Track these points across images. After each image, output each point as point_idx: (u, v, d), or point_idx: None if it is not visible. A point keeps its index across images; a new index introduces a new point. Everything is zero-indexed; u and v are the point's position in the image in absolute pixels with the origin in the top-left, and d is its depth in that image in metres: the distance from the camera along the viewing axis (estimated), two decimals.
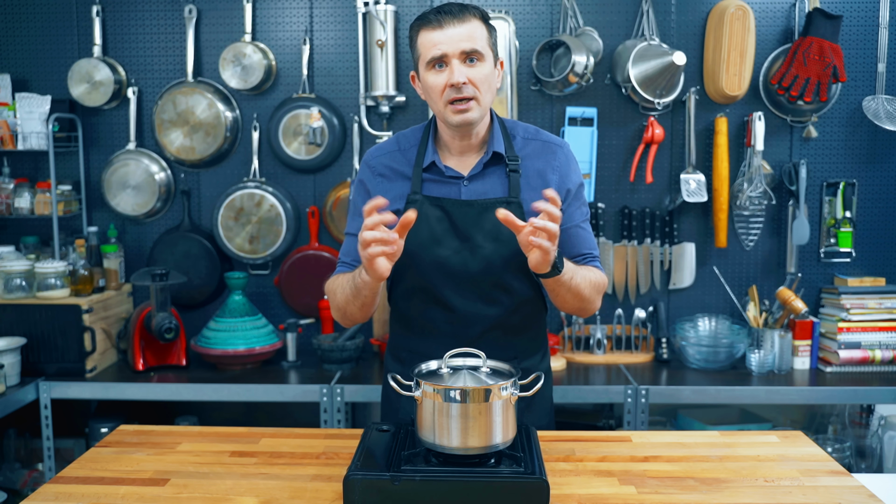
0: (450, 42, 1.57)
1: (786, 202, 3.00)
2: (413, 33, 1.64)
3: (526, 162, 1.71)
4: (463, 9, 1.59)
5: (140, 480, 1.48)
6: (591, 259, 1.74)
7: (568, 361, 2.92)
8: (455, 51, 1.57)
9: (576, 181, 1.74)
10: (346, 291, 1.64)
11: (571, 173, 1.74)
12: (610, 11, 2.97)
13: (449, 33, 1.57)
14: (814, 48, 2.79)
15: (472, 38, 1.58)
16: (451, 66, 1.58)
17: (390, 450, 1.43)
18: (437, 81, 1.60)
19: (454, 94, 1.58)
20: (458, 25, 1.57)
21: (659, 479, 1.47)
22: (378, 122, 3.03)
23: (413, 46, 1.65)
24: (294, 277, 3.04)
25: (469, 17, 1.59)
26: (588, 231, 1.76)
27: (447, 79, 1.58)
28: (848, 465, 2.75)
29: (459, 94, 1.58)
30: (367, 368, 2.86)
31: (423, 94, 1.68)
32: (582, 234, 1.74)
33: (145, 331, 2.81)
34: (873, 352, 2.81)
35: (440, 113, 1.65)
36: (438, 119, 1.69)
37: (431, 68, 1.60)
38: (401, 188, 1.71)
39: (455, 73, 1.57)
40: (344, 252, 1.78)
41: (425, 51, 1.60)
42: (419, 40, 1.61)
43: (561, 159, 1.72)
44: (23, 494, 2.82)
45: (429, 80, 1.61)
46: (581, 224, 1.74)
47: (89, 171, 3.12)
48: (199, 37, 3.04)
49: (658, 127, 2.93)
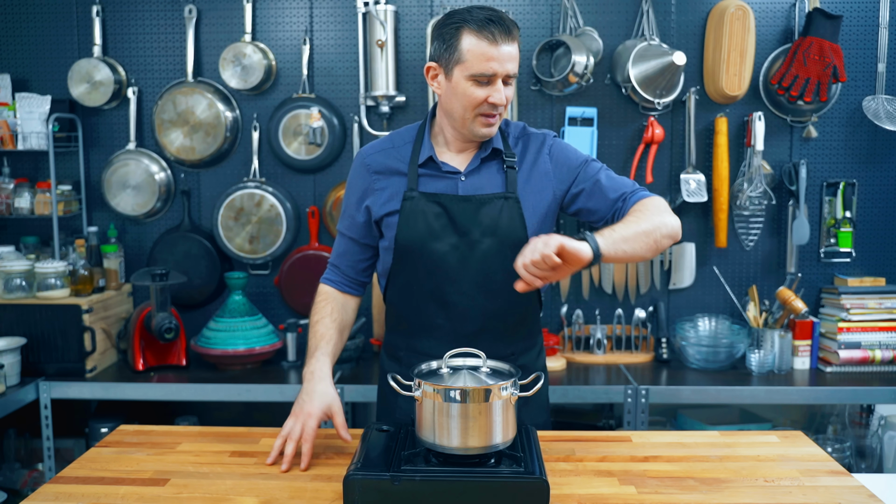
0: (501, 62, 1.57)
1: (786, 202, 3.00)
2: (454, 31, 1.59)
3: (520, 157, 1.72)
4: (512, 27, 1.59)
5: (140, 480, 1.48)
6: (629, 197, 1.66)
7: (568, 361, 2.92)
8: (503, 72, 1.59)
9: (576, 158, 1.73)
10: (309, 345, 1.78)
11: (569, 153, 1.73)
12: (610, 11, 2.97)
13: (502, 52, 1.57)
14: (814, 48, 2.79)
15: (515, 61, 1.61)
16: (497, 86, 1.59)
17: (390, 450, 1.43)
18: (478, 94, 1.60)
19: (490, 110, 1.61)
20: (509, 44, 1.58)
21: (659, 479, 1.47)
22: (378, 122, 3.03)
23: (453, 46, 1.59)
24: (294, 277, 3.04)
25: (516, 35, 1.60)
26: (612, 177, 1.70)
27: (489, 96, 1.59)
28: (848, 465, 2.75)
29: (495, 111, 1.61)
30: (367, 368, 2.86)
31: (438, 90, 1.66)
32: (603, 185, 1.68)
33: (145, 331, 2.81)
34: (873, 352, 2.81)
35: (463, 121, 1.64)
36: (453, 124, 1.67)
37: (474, 81, 1.59)
38: (396, 185, 1.71)
39: (500, 94, 1.59)
40: (334, 254, 1.82)
41: (475, 62, 1.57)
42: (466, 45, 1.57)
43: (549, 143, 1.74)
44: (23, 494, 2.82)
45: (468, 91, 1.60)
46: (599, 176, 1.69)
47: (89, 171, 3.12)
48: (199, 37, 3.04)
49: (658, 127, 2.93)
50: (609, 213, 1.68)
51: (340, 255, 1.81)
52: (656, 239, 1.57)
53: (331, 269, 1.83)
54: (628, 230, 1.54)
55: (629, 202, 1.65)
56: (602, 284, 3.07)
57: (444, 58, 1.62)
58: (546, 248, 1.38)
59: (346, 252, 1.80)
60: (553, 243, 1.38)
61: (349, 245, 1.79)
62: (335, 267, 1.82)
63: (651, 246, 1.56)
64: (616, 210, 1.66)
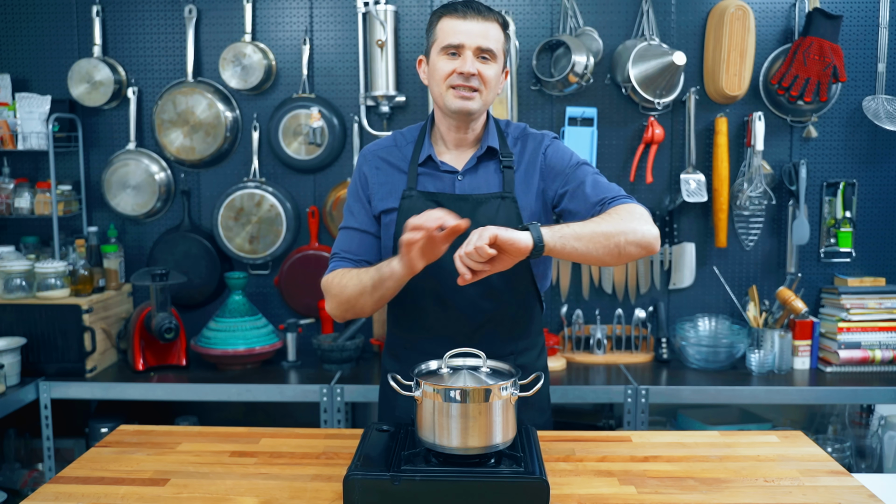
0: (469, 34, 1.62)
1: (786, 202, 3.00)
2: (434, 19, 1.68)
3: (517, 158, 1.73)
4: (488, 10, 1.66)
5: (140, 480, 1.48)
6: (610, 202, 1.62)
7: (568, 361, 2.92)
8: (472, 44, 1.62)
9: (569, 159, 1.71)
10: (362, 283, 1.61)
11: (563, 154, 1.72)
12: (610, 11, 2.97)
13: (470, 25, 1.63)
14: (814, 48, 2.79)
15: (489, 37, 1.64)
16: (465, 56, 1.63)
17: (390, 450, 1.43)
18: (446, 66, 1.64)
19: (460, 80, 1.63)
20: (480, 21, 1.63)
21: (659, 479, 1.47)
22: (378, 122, 3.03)
23: (430, 31, 1.69)
24: (294, 277, 3.04)
25: (491, 18, 1.65)
26: (598, 182, 1.67)
27: (458, 66, 1.63)
28: (848, 465, 2.75)
29: (466, 82, 1.63)
30: (366, 368, 2.86)
31: (425, 79, 1.72)
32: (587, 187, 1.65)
33: (145, 331, 2.81)
34: (873, 352, 2.81)
35: (440, 97, 1.67)
36: (437, 106, 1.71)
37: (445, 54, 1.64)
38: (397, 183, 1.72)
39: (467, 63, 1.62)
40: (340, 248, 1.74)
41: (443, 35, 1.64)
42: (439, 25, 1.66)
43: (546, 143, 1.74)
44: (23, 494, 2.81)
45: (438, 64, 1.65)
46: (585, 179, 1.67)
47: (89, 171, 3.12)
48: (199, 37, 3.04)
49: (658, 127, 2.93)
50: (588, 215, 1.62)
51: (347, 248, 1.73)
52: (618, 244, 1.51)
53: (339, 260, 1.73)
54: (585, 229, 1.51)
55: (607, 207, 1.61)
56: (602, 284, 3.07)
57: (426, 46, 1.71)
58: (479, 240, 1.39)
59: (353, 244, 1.73)
60: (486, 234, 1.39)
61: (356, 236, 1.73)
62: (342, 258, 1.73)
63: (612, 250, 1.51)
64: (594, 213, 1.62)
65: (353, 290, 1.63)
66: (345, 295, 1.65)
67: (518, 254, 1.43)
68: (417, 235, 1.42)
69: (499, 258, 1.43)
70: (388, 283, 1.57)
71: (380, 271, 1.57)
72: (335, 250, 1.75)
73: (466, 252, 1.41)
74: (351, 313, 1.69)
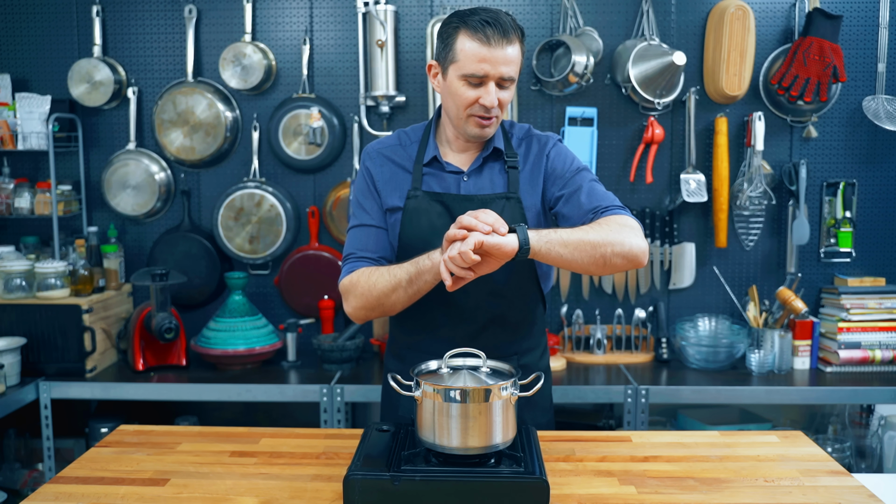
0: (494, 64, 1.56)
1: (786, 202, 3.00)
2: (452, 31, 1.59)
3: (522, 158, 1.72)
4: (511, 29, 1.57)
5: (140, 480, 1.48)
6: (603, 211, 1.61)
7: (568, 361, 2.92)
8: (496, 74, 1.57)
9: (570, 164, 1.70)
10: (396, 278, 1.57)
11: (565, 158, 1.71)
12: (610, 11, 2.97)
13: (495, 54, 1.55)
14: (814, 48, 2.79)
15: (511, 62, 1.57)
16: (488, 87, 1.58)
17: (390, 450, 1.43)
18: (469, 95, 1.59)
19: (481, 111, 1.60)
20: (504, 47, 1.56)
21: (659, 479, 1.47)
22: (378, 122, 3.03)
23: (448, 44, 1.60)
24: (294, 277, 3.04)
25: (514, 39, 1.58)
26: (595, 189, 1.65)
27: (480, 97, 1.58)
28: (848, 465, 2.75)
29: (487, 114, 1.60)
30: (367, 368, 2.86)
31: (438, 88, 1.67)
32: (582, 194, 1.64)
33: (145, 331, 2.81)
34: (873, 352, 2.81)
35: (458, 120, 1.64)
36: (451, 122, 1.68)
37: (465, 81, 1.59)
38: (401, 182, 1.71)
39: (490, 96, 1.58)
40: (355, 247, 1.70)
41: (466, 62, 1.57)
42: (459, 45, 1.57)
43: (551, 145, 1.73)
44: (23, 494, 2.82)
45: (459, 91, 1.60)
46: (582, 185, 1.66)
47: (89, 171, 3.12)
48: (199, 37, 3.04)
49: (658, 127, 2.93)
50: (580, 222, 1.62)
51: (362, 247, 1.69)
52: (604, 254, 1.50)
53: (356, 260, 1.68)
54: (572, 236, 1.50)
55: (600, 215, 1.60)
56: (602, 284, 3.07)
57: (442, 56, 1.63)
58: (464, 245, 1.38)
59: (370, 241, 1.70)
60: (471, 240, 1.38)
61: (373, 233, 1.70)
62: (360, 258, 1.68)
63: (597, 259, 1.50)
64: (586, 221, 1.61)
65: (385, 287, 1.58)
66: (374, 293, 1.60)
67: (503, 257, 1.43)
68: (462, 234, 1.40)
69: (484, 261, 1.43)
70: (426, 277, 1.53)
71: (417, 265, 1.54)
72: (349, 251, 1.71)
73: (450, 256, 1.39)
74: (378, 312, 1.65)
